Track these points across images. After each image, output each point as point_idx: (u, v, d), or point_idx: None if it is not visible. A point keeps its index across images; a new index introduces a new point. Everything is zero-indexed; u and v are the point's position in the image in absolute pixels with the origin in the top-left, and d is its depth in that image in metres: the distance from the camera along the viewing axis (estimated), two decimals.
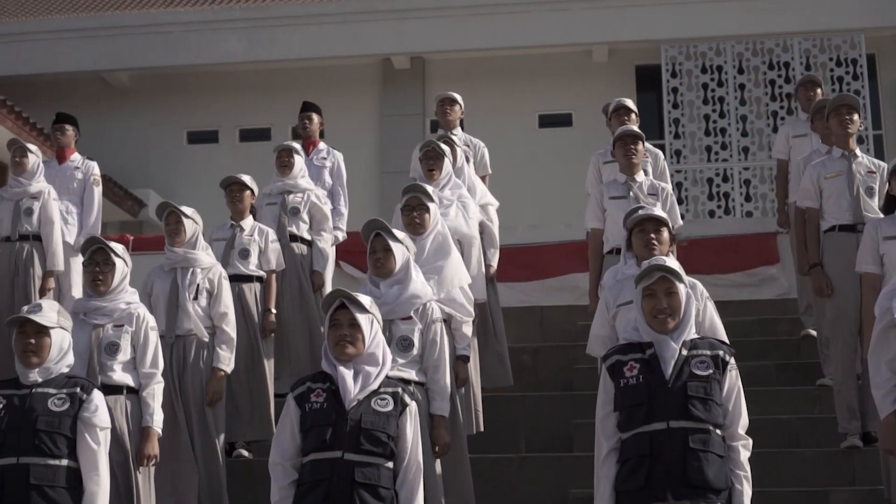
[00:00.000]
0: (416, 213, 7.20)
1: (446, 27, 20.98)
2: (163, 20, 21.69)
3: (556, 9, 20.72)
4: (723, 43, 20.27)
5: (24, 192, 9.50)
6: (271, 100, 21.79)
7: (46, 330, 5.40)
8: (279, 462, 5.15)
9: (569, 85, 21.32)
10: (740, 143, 20.00)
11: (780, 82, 20.07)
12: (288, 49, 21.19)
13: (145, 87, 22.11)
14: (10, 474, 5.17)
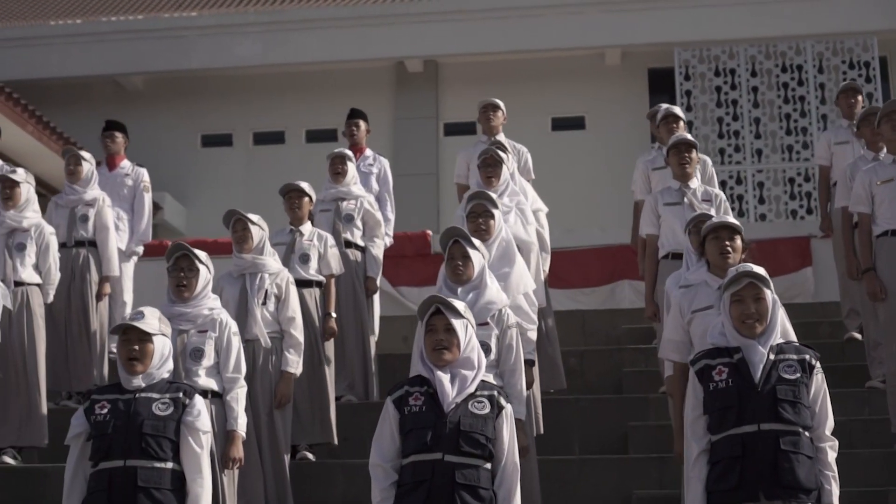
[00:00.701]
0: (481, 220, 7.31)
1: (460, 31, 21.12)
2: (177, 24, 21.81)
3: (570, 12, 20.89)
4: (736, 46, 20.45)
5: (80, 200, 9.62)
6: (285, 103, 21.94)
7: (149, 336, 5.52)
8: (379, 464, 5.28)
9: (581, 88, 21.48)
10: (754, 145, 20.18)
11: (794, 85, 20.26)
12: (302, 52, 21.32)
13: (159, 91, 22.23)
14: (118, 477, 5.29)
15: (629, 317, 10.80)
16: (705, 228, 6.50)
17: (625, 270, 12.37)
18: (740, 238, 6.45)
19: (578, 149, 21.03)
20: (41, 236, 8.81)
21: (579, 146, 21.16)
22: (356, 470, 8.10)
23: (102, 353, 9.47)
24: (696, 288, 6.51)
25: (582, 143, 21.25)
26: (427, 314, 5.41)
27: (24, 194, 8.93)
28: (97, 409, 5.48)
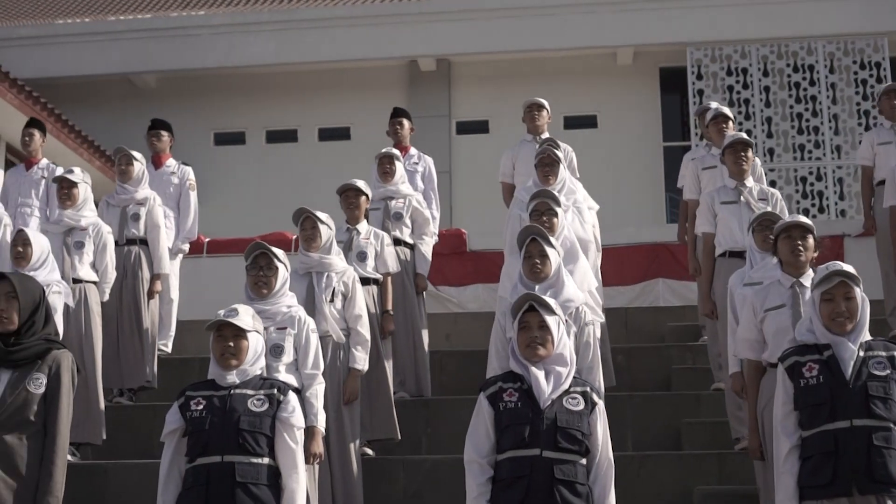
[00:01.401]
0: (545, 218, 7.42)
1: (472, 30, 21.22)
2: (191, 23, 21.86)
3: (582, 11, 21.00)
4: (748, 46, 20.57)
5: (131, 199, 9.71)
6: (298, 101, 22.02)
7: (244, 333, 5.60)
8: (475, 459, 5.35)
9: (594, 87, 21.59)
10: (766, 144, 20.30)
11: (805, 85, 20.39)
12: (316, 51, 21.39)
13: (172, 89, 22.27)
14: (216, 472, 5.35)
15: (673, 314, 10.91)
16: (777, 227, 6.61)
17: (658, 268, 12.47)
18: (812, 237, 6.56)
19: (591, 147, 21.04)
20: (98, 235, 8.90)
21: (591, 144, 21.22)
22: (417, 465, 8.20)
23: (153, 351, 9.53)
24: (769, 287, 6.61)
25: (594, 142, 21.33)
26: (521, 311, 5.48)
27: (82, 194, 9.01)
28: (192, 405, 5.54)
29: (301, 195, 21.27)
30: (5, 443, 5.63)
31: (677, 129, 21.95)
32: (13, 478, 5.60)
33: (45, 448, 5.70)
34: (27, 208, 10.52)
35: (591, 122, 21.73)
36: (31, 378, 5.75)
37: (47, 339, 5.90)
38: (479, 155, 21.56)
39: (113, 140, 20.15)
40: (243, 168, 21.98)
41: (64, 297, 7.94)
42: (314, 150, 22.06)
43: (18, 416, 5.68)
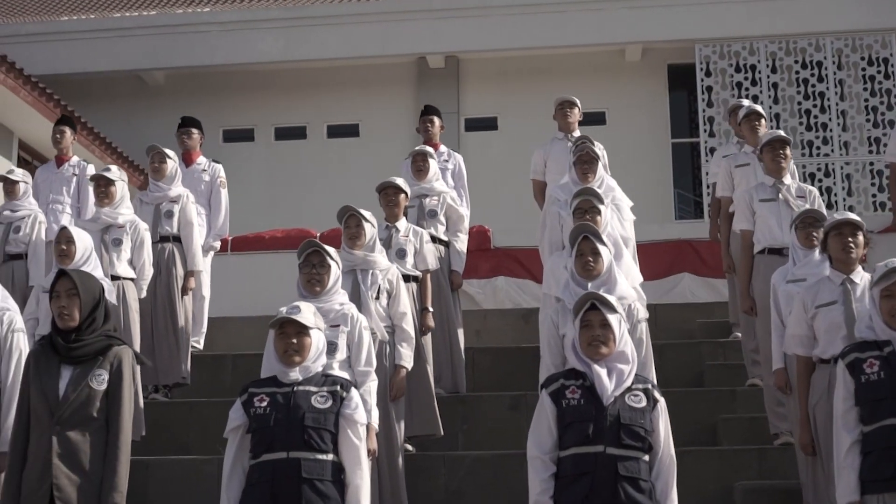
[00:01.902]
0: (588, 216, 7.46)
1: (481, 27, 21.24)
2: (200, 20, 21.87)
3: (591, 9, 21.04)
4: (756, 42, 20.62)
5: (165, 197, 9.75)
6: (306, 98, 22.04)
7: (307, 330, 5.63)
8: (538, 455, 5.41)
9: (602, 83, 21.62)
10: None
11: (813, 81, 20.45)
12: (324, 48, 21.40)
13: (181, 86, 22.28)
14: (282, 468, 5.39)
15: (701, 311, 10.96)
16: (828, 225, 6.66)
17: (682, 264, 12.51)
18: (862, 233, 6.62)
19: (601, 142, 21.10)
20: (136, 232, 8.95)
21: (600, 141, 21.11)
22: (458, 462, 8.25)
23: (187, 348, 9.57)
24: (819, 283, 6.68)
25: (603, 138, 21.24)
26: (582, 310, 5.53)
27: (119, 192, 9.05)
28: (256, 402, 5.57)
29: (309, 192, 21.39)
30: (69, 439, 5.67)
31: (685, 125, 22.01)
32: (77, 474, 5.64)
33: (108, 444, 5.73)
34: (58, 205, 10.56)
35: (599, 119, 21.74)
36: (93, 374, 5.78)
37: (108, 336, 5.93)
38: (488, 152, 21.63)
39: (122, 137, 20.26)
40: (252, 165, 21.99)
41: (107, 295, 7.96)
42: (323, 147, 22.10)
43: (81, 413, 5.72)
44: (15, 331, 6.94)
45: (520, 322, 11.03)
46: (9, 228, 9.78)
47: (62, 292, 5.86)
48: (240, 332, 10.95)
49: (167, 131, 21.70)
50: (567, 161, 9.91)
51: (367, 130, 22.14)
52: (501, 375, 9.73)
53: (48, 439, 5.66)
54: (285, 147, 22.17)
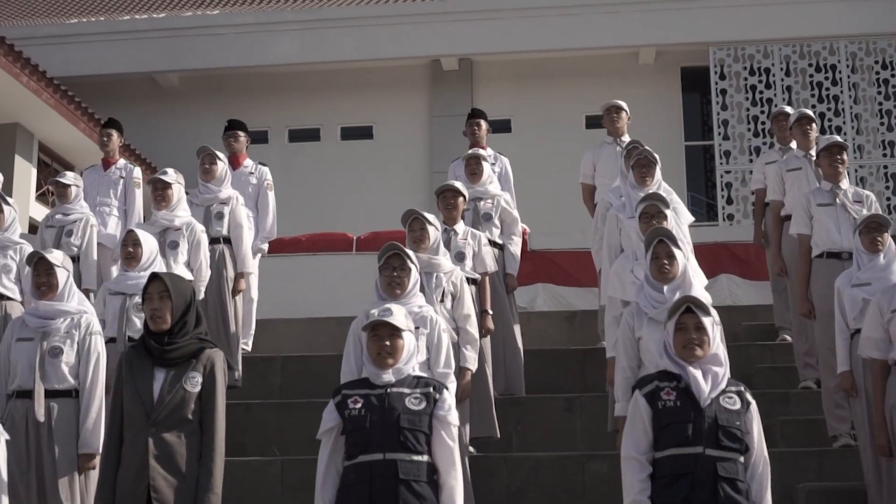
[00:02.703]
0: (654, 221, 7.51)
1: (495, 29, 21.33)
2: (215, 22, 21.91)
3: (605, 11, 21.12)
4: (770, 45, 20.72)
5: (215, 198, 9.78)
6: (320, 100, 22.09)
7: (399, 332, 5.67)
8: (634, 456, 5.47)
9: (615, 86, 21.59)
10: None
11: (827, 84, 20.56)
12: (339, 50, 21.46)
13: (194, 88, 22.32)
14: (379, 469, 5.43)
15: (745, 314, 11.03)
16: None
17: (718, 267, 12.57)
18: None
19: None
20: (192, 234, 9.00)
21: None
22: (520, 463, 8.31)
23: (238, 350, 9.61)
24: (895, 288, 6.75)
25: None
26: (677, 313, 5.59)
27: (176, 194, 9.10)
28: (350, 403, 5.60)
29: (323, 194, 21.44)
30: (165, 441, 5.71)
31: (698, 128, 22.10)
32: (174, 475, 5.68)
33: (203, 446, 5.77)
34: (106, 207, 10.58)
35: None
36: (187, 377, 5.82)
37: (200, 338, 5.96)
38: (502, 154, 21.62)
39: (136, 139, 20.24)
40: None
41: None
42: (337, 149, 22.14)
43: (177, 415, 5.75)
44: (93, 333, 7.01)
45: (564, 324, 11.09)
46: (61, 232, 9.81)
47: (154, 295, 5.89)
48: (283, 334, 10.99)
49: (180, 132, 21.94)
50: (616, 165, 10.03)
51: (380, 132, 22.19)
52: (550, 377, 9.78)
53: (144, 441, 5.70)
54: (299, 149, 22.20)
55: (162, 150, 20.84)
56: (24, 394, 6.85)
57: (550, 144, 21.27)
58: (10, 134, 17.78)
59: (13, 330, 7.02)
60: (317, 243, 12.55)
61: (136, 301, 7.89)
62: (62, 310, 6.99)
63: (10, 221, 9.07)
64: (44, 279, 7.01)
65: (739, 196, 20.28)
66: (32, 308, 7.03)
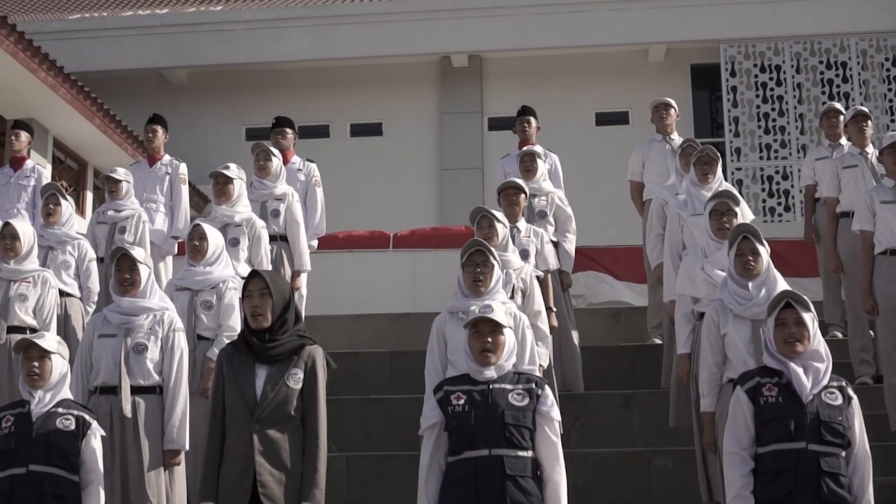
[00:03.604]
0: (725, 218, 7.54)
1: (505, 26, 21.36)
2: (224, 18, 21.88)
3: (615, 8, 21.19)
4: (781, 42, 20.81)
5: (270, 195, 9.77)
6: (330, 97, 22.09)
7: (501, 328, 5.69)
8: (736, 451, 5.51)
9: (625, 83, 21.77)
10: (799, 140, 20.54)
11: (838, 82, 20.66)
12: (349, 47, 21.45)
13: (203, 84, 22.29)
14: (485, 465, 5.44)
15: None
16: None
17: None
18: None
19: (623, 143, 21.20)
20: (253, 230, 8.99)
21: (624, 141, 21.36)
22: (584, 459, 8.34)
23: None
24: None
25: (626, 138, 21.47)
26: (778, 307, 5.63)
27: (237, 190, 9.09)
28: (453, 399, 5.62)
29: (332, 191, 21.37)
30: (269, 437, 5.71)
31: (707, 125, 22.17)
32: (279, 470, 5.69)
33: (306, 442, 5.78)
34: (152, 204, 10.56)
35: (622, 119, 21.91)
36: (289, 374, 5.83)
37: (300, 335, 5.97)
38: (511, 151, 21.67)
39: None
40: None
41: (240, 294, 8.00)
42: (346, 146, 22.13)
43: (280, 412, 5.76)
44: (176, 330, 7.00)
45: (610, 321, 11.12)
46: (114, 228, 9.79)
47: (255, 292, 5.89)
48: (329, 331, 10.98)
49: (190, 129, 21.89)
50: (665, 162, 10.09)
51: (390, 129, 22.20)
52: (602, 374, 9.81)
53: (249, 437, 5.70)
54: (308, 145, 22.03)
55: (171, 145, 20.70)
56: (107, 390, 6.82)
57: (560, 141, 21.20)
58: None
59: (94, 326, 7.00)
60: (355, 240, 12.56)
61: (205, 298, 7.91)
62: (145, 306, 6.96)
63: (67, 216, 9.06)
64: (127, 275, 6.97)
65: (750, 193, 20.35)
66: (114, 304, 7.01)
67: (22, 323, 8.07)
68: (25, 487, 5.73)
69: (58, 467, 5.81)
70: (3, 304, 8.06)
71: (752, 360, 6.50)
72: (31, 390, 5.98)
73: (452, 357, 6.87)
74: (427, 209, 21.09)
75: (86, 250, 8.99)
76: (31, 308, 8.12)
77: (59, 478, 5.80)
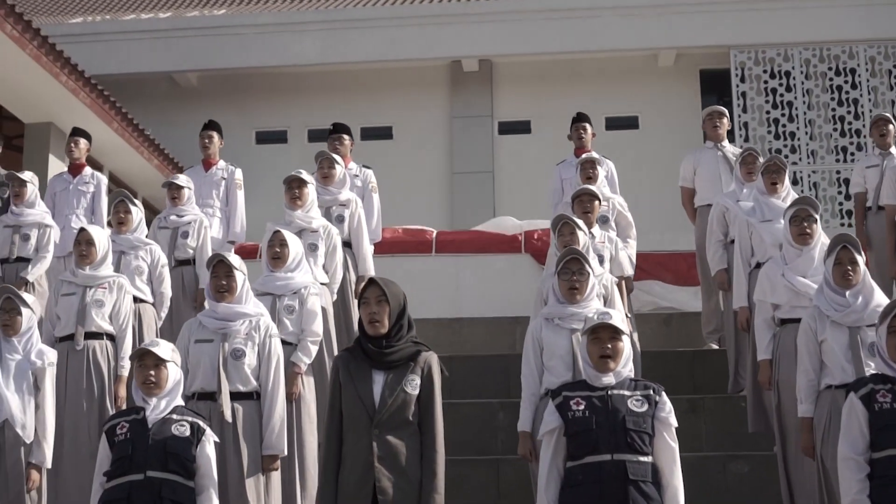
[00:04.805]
0: (805, 225, 7.65)
1: (515, 31, 21.43)
2: (237, 22, 21.87)
3: (625, 14, 21.28)
4: (790, 49, 20.95)
5: (334, 200, 9.80)
6: (340, 100, 22.06)
7: (620, 335, 5.78)
8: (852, 456, 5.59)
9: (635, 88, 21.88)
10: (809, 146, 20.68)
11: (847, 88, 20.82)
12: (360, 51, 21.49)
13: (213, 88, 22.27)
14: (608, 470, 5.50)
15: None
16: None
17: None
18: None
19: (632, 148, 21.37)
20: (329, 236, 9.02)
21: (633, 146, 21.52)
22: None
23: None
24: None
25: (636, 143, 21.64)
26: (889, 317, 5.73)
27: (311, 194, 9.11)
28: (572, 405, 5.68)
29: None
30: (388, 442, 5.74)
31: None
32: (398, 476, 5.71)
33: (424, 447, 5.80)
34: (209, 209, 10.56)
35: (632, 124, 22.02)
36: (406, 380, 5.86)
37: (415, 342, 6.02)
38: (522, 155, 21.82)
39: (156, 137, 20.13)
40: (285, 167, 21.68)
41: (321, 300, 8.05)
42: (356, 149, 21.96)
43: (398, 417, 5.79)
44: (272, 336, 7.03)
45: (662, 327, 11.19)
46: (176, 234, 9.79)
47: (371, 299, 5.93)
48: None
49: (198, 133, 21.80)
50: (717, 169, 10.20)
51: (400, 133, 22.23)
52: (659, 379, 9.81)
53: (368, 443, 5.72)
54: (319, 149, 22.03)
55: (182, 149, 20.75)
56: (205, 395, 6.84)
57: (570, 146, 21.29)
58: (44, 133, 17.67)
59: (190, 331, 7.02)
60: (398, 244, 12.59)
61: (287, 303, 7.93)
62: (242, 312, 6.99)
63: (138, 222, 9.07)
64: (223, 282, 6.99)
65: None
66: (209, 310, 7.03)
67: (99, 329, 8.07)
68: (143, 493, 5.74)
69: (175, 473, 5.83)
70: (80, 310, 8.05)
71: (850, 367, 6.60)
72: (145, 397, 6.00)
73: (549, 363, 6.94)
74: (438, 213, 21.12)
75: (158, 256, 9.00)
76: (108, 314, 8.12)
77: (176, 484, 5.81)
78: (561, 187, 10.78)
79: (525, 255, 12.46)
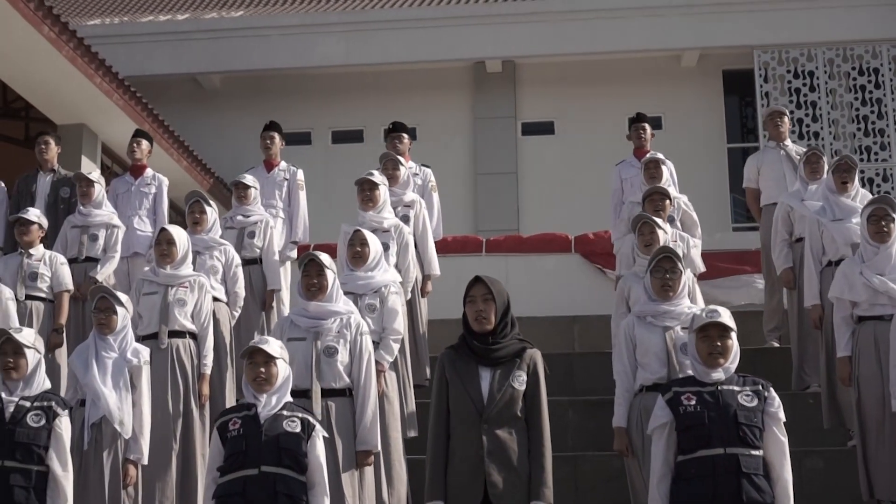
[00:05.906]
0: (883, 223, 7.75)
1: (538, 32, 21.47)
2: (260, 23, 21.90)
3: (648, 14, 21.34)
4: (813, 49, 21.03)
5: (399, 201, 9.85)
6: (364, 102, 22.12)
7: (729, 332, 5.90)
8: None
9: (658, 88, 21.92)
10: (832, 146, 20.75)
11: (870, 87, 20.91)
12: (384, 52, 21.52)
13: (236, 90, 22.30)
14: (722, 463, 5.60)
15: None
16: None
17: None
18: None
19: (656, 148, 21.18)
20: (401, 236, 9.11)
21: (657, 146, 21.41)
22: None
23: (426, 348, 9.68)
24: None
25: (660, 143, 21.56)
26: None
27: (382, 195, 9.17)
28: (683, 400, 5.79)
29: None
30: (497, 437, 5.82)
31: (737, 130, 22.39)
32: (507, 471, 5.79)
33: (531, 442, 5.88)
34: (271, 210, 10.61)
35: (655, 124, 21.79)
36: (513, 375, 5.95)
37: (519, 339, 6.10)
38: (545, 156, 21.90)
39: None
40: (309, 168, 21.64)
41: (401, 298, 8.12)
42: (380, 150, 21.98)
43: (507, 413, 5.87)
44: (363, 333, 7.10)
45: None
46: (242, 233, 9.85)
47: (478, 297, 6.02)
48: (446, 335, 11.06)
49: (223, 134, 21.91)
50: (780, 168, 10.28)
51: (424, 134, 22.25)
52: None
53: (477, 438, 5.81)
54: (342, 150, 22.21)
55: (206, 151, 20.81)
56: (298, 393, 6.89)
57: (593, 147, 21.43)
58: (76, 135, 17.65)
59: (282, 329, 7.09)
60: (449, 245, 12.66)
61: (368, 301, 8.00)
62: (333, 310, 7.06)
63: (212, 222, 9.14)
64: (314, 280, 7.06)
65: None
66: (300, 308, 7.09)
67: (182, 327, 8.15)
68: (258, 488, 5.81)
69: (288, 468, 5.89)
70: (162, 309, 8.13)
71: None
72: (255, 394, 6.06)
73: (643, 360, 7.02)
74: (462, 214, 21.16)
75: (232, 256, 9.07)
76: (190, 312, 8.20)
77: (289, 478, 5.88)
78: (621, 187, 10.86)
79: (575, 255, 12.51)
